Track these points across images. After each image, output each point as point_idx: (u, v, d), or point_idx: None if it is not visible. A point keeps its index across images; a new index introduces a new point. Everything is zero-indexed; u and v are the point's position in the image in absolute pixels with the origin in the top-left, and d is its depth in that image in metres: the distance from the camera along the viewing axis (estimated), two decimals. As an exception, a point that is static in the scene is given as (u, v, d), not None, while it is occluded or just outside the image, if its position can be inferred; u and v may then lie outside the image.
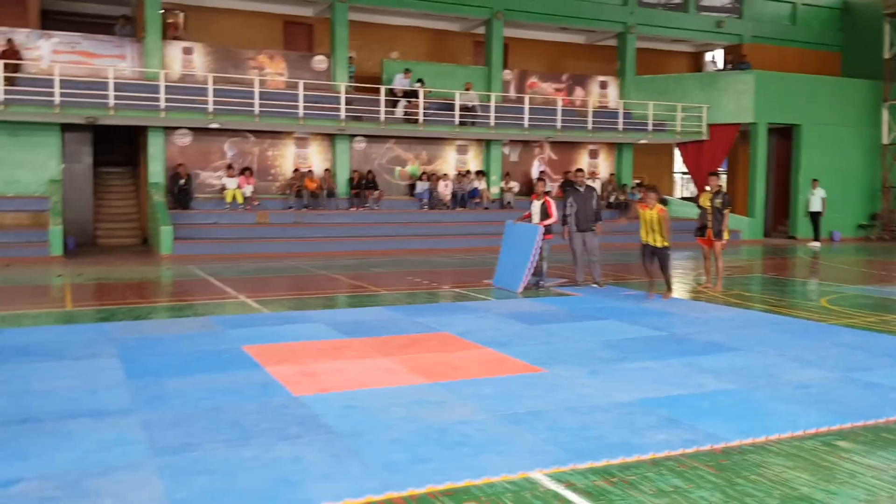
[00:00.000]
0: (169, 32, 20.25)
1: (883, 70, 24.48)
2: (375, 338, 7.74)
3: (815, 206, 21.79)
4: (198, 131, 19.85)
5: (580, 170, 13.18)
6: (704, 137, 23.95)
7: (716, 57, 27.07)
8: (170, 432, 4.69)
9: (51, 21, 20.25)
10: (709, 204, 11.48)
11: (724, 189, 11.17)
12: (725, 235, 11.54)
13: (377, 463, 4.19)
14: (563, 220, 12.39)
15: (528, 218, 12.28)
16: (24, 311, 9.38)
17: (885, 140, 24.64)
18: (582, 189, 12.46)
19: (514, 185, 23.04)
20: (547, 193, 12.46)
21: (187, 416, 5.03)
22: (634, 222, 12.23)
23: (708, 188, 11.72)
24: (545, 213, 12.00)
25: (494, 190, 22.87)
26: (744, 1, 26.06)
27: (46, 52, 18.38)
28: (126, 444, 4.46)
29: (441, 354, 6.99)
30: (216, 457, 4.27)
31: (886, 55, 24.29)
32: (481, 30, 23.76)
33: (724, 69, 25.09)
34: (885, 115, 24.55)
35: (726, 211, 11.41)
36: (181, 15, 21.49)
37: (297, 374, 6.16)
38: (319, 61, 21.41)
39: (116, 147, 21.77)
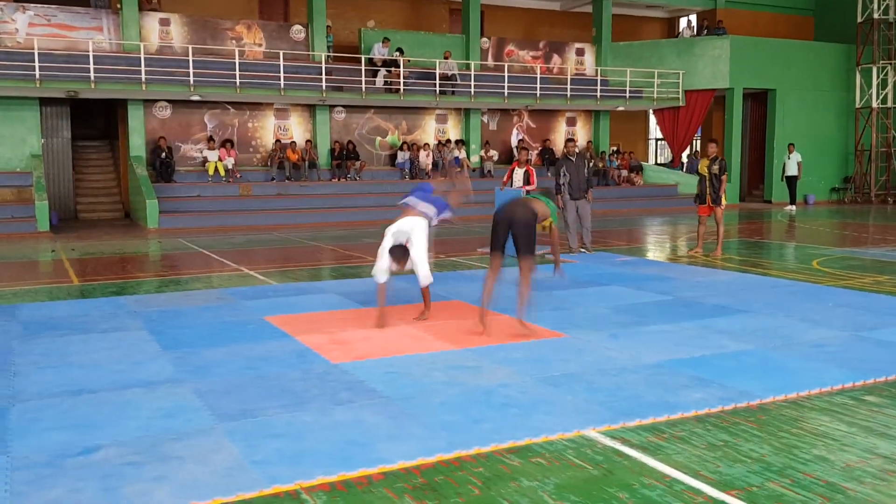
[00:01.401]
0: (143, 3, 19.88)
1: (856, 33, 24.89)
2: (391, 307, 7.85)
3: (792, 170, 22.26)
4: (177, 104, 19.63)
5: (571, 139, 13.48)
6: (681, 104, 24.26)
7: (691, 22, 27.29)
8: (225, 400, 4.82)
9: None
10: (707, 171, 11.75)
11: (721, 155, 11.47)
12: (724, 201, 11.83)
13: (436, 424, 4.37)
14: (558, 188, 12.68)
15: (508, 183, 12.56)
16: (34, 287, 9.36)
17: (858, 104, 25.16)
18: (574, 158, 12.77)
19: (494, 154, 23.18)
20: (528, 162, 12.79)
21: (236, 384, 5.16)
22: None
23: (707, 155, 11.96)
24: (527, 181, 12.31)
25: (475, 159, 22.97)
26: (718, -34, 26.27)
27: (22, 26, 18.00)
28: (188, 412, 4.59)
29: (461, 322, 7.17)
30: (278, 421, 4.42)
31: (859, 19, 24.69)
32: (456, -3, 23.71)
33: (699, 35, 25.32)
34: (858, 78, 25.04)
35: (723, 177, 11.70)
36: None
37: (329, 343, 6.31)
38: (297, 31, 21.22)
39: (92, 121, 21.44)
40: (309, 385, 5.14)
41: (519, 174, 12.67)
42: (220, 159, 19.60)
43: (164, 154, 18.94)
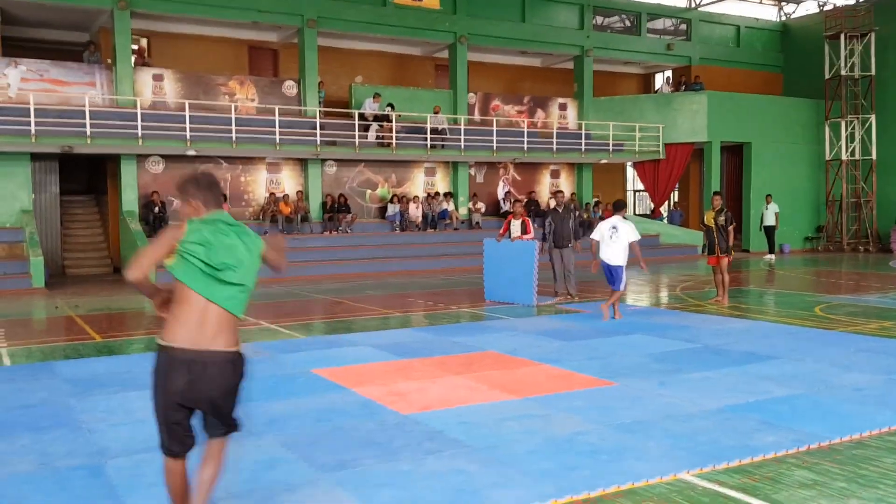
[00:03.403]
0: (135, 59, 20.06)
1: (824, 89, 25.98)
2: (430, 358, 8.00)
3: (770, 220, 22.94)
4: (170, 158, 19.69)
5: (560, 191, 14.50)
6: (661, 156, 24.97)
7: (669, 79, 28.24)
8: (315, 451, 4.89)
9: (11, 48, 19.80)
10: (713, 222, 12.14)
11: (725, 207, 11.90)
12: (731, 251, 12.19)
13: (534, 471, 4.49)
14: (543, 237, 13.33)
15: (505, 234, 13.00)
16: (59, 344, 9.29)
17: (828, 156, 26.13)
18: (560, 210, 13.42)
19: (482, 206, 23.54)
20: (523, 213, 13.34)
21: (318, 436, 5.23)
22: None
23: (713, 207, 12.37)
24: (524, 231, 12.85)
25: (463, 211, 23.31)
26: (691, 24, 27.34)
27: (14, 81, 18.01)
28: (285, 464, 4.65)
29: (507, 372, 7.31)
30: (379, 472, 4.50)
31: (827, 75, 25.81)
32: (442, 53, 24.30)
33: (677, 90, 26.21)
34: (828, 132, 26.05)
35: (731, 227, 12.10)
36: (144, 41, 21.35)
37: (388, 395, 6.39)
38: (289, 87, 21.54)
39: (77, 175, 21.36)
40: (390, 436, 5.22)
41: (516, 225, 13.12)
42: (212, 213, 19.59)
43: (157, 209, 18.92)
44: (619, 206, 11.03)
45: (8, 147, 17.04)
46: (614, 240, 10.56)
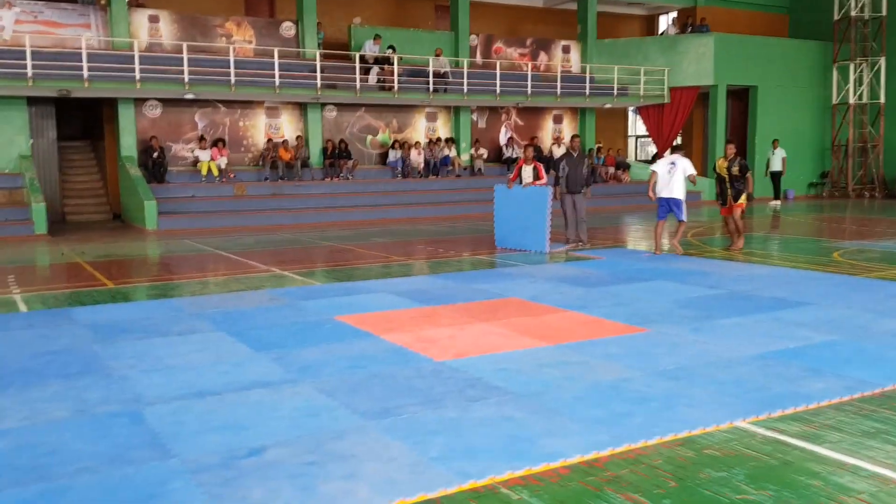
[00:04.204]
0: (130, 0, 19.44)
1: (832, 31, 25.52)
2: (453, 305, 7.87)
3: (776, 165, 22.74)
4: (168, 102, 19.26)
5: (576, 136, 14.07)
6: (666, 101, 24.60)
7: (673, 20, 27.68)
8: (356, 398, 4.76)
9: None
10: (725, 172, 11.93)
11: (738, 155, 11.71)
12: (742, 199, 11.97)
13: (586, 418, 4.39)
14: (556, 181, 13.11)
15: (516, 180, 12.77)
16: (72, 290, 9.11)
17: (835, 100, 25.82)
18: (575, 154, 13.18)
19: (484, 152, 23.22)
20: (534, 158, 13.03)
21: (355, 383, 5.10)
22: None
23: (725, 156, 12.14)
24: (536, 177, 12.57)
25: (465, 157, 23.00)
26: (697, -36, 26.70)
27: (8, 23, 17.46)
28: (328, 411, 4.53)
29: (534, 318, 7.19)
30: (427, 419, 4.38)
31: (836, 17, 25.33)
32: (443, -6, 23.71)
33: (683, 32, 25.70)
34: (835, 75, 25.69)
35: (748, 175, 11.88)
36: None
37: (418, 341, 6.26)
38: (287, 28, 20.98)
39: (73, 120, 20.91)
40: (429, 383, 5.10)
41: (528, 171, 12.84)
42: (212, 159, 19.28)
43: (156, 154, 18.56)
44: (677, 148, 12.57)
45: (5, 91, 16.59)
46: (673, 174, 11.54)
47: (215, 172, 19.16)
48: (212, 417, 4.43)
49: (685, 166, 11.54)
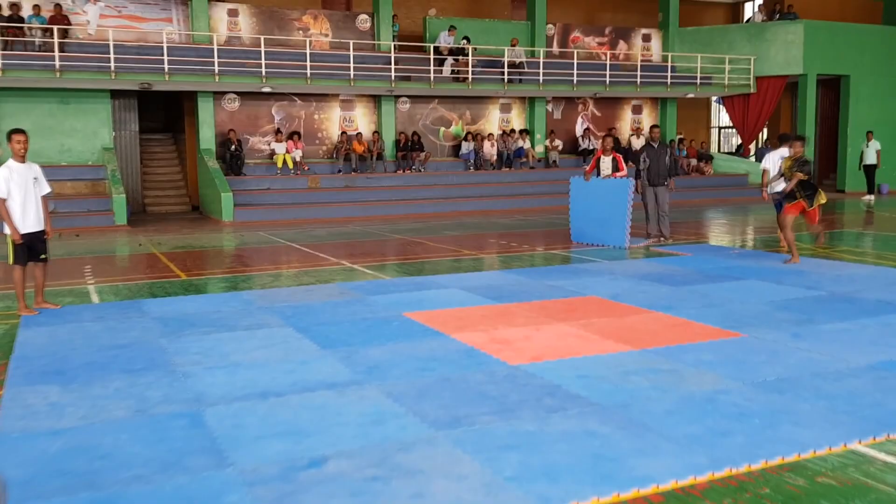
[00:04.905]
0: (210, -7, 19.64)
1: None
2: (528, 303, 7.49)
3: (871, 158, 21.44)
4: (245, 96, 19.40)
5: (656, 126, 13.60)
6: (752, 90, 23.53)
7: (756, 7, 26.50)
8: (425, 404, 4.44)
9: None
10: (789, 173, 10.91)
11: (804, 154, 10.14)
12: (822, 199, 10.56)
13: (679, 436, 3.95)
14: (637, 174, 12.58)
15: (593, 171, 12.25)
16: (146, 281, 9.11)
17: (934, 90, 24.25)
18: (656, 145, 12.67)
19: (559, 144, 22.67)
20: (613, 149, 12.45)
21: (424, 387, 4.78)
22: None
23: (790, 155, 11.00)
24: (616, 168, 12.04)
25: (539, 149, 22.49)
26: (787, -51, 25.44)
27: (94, 17, 17.84)
28: (395, 418, 4.22)
29: (616, 319, 6.74)
30: (500, 431, 4.02)
31: (936, 3, 23.78)
32: (519, -17, 23.21)
33: (770, 20, 24.53)
34: (934, 64, 24.14)
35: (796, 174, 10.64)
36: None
37: (491, 342, 5.91)
38: (363, 20, 20.88)
39: (155, 113, 21.31)
40: (503, 389, 4.75)
41: (606, 162, 12.30)
42: (287, 151, 19.33)
43: (233, 147, 18.70)
44: (785, 139, 11.12)
45: (89, 84, 16.95)
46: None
47: (290, 165, 19.21)
48: (273, 421, 4.18)
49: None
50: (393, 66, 19.36)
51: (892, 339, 5.91)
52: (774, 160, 10.93)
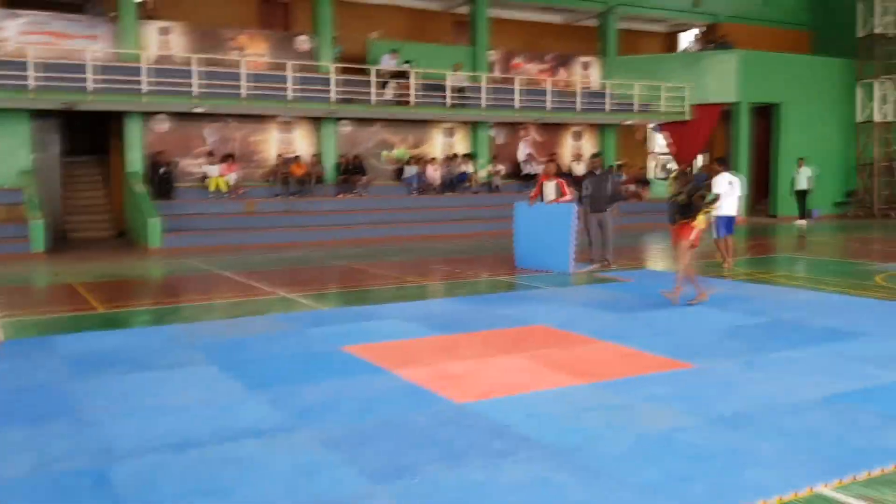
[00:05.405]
0: (140, 11, 18.96)
1: (857, 49, 24.76)
2: (474, 333, 7.17)
3: (802, 184, 21.89)
4: (177, 116, 18.73)
5: (597, 154, 13.65)
6: (688, 117, 23.88)
7: (692, 37, 27.04)
8: (363, 453, 4.05)
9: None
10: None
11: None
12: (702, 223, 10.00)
13: (637, 484, 3.65)
14: (579, 200, 12.54)
15: (537, 197, 12.11)
16: (57, 315, 8.47)
17: (860, 118, 25.02)
18: (598, 173, 12.65)
19: (502, 169, 22.56)
20: (556, 174, 12.44)
21: (362, 432, 4.39)
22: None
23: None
24: (559, 193, 11.94)
25: (483, 173, 22.33)
26: (719, -20, 26.07)
27: (14, 33, 17.00)
28: (330, 469, 3.82)
29: (565, 350, 6.47)
30: (448, 482, 3.67)
31: (860, 34, 24.57)
32: (460, 9, 23.14)
33: (703, 49, 25.02)
34: (860, 93, 24.91)
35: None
36: (150, -7, 20.25)
37: (436, 378, 5.55)
38: (303, 41, 20.46)
39: (80, 135, 20.42)
40: (449, 433, 4.39)
41: (550, 187, 12.15)
42: (221, 175, 18.70)
43: (163, 169, 17.99)
44: (724, 162, 12.43)
45: (6, 103, 16.09)
46: (730, 192, 11.61)
47: (224, 188, 18.58)
48: (190, 478, 3.73)
49: (741, 184, 12.12)
50: (333, 88, 18.97)
51: (843, 368, 5.77)
52: (724, 185, 11.48)
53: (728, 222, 11.88)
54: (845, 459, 3.94)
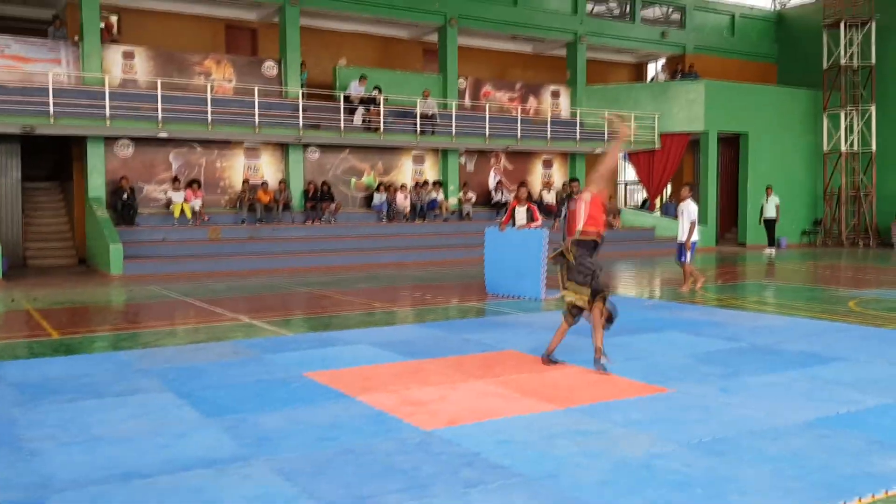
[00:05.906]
0: (104, 35, 18.66)
1: (823, 80, 25.18)
2: (443, 359, 6.92)
3: (770, 212, 22.03)
4: (140, 141, 18.36)
5: (575, 179, 13.48)
6: (656, 146, 24.03)
7: (659, 67, 27.36)
8: (322, 483, 3.77)
9: (-29, 22, 18.39)
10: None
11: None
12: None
13: (616, 513, 3.42)
14: (555, 221, 12.51)
15: (509, 222, 11.98)
16: (8, 342, 8.06)
17: (826, 148, 25.37)
18: (575, 196, 12.52)
19: (472, 196, 22.44)
20: (528, 199, 12.35)
21: (323, 461, 4.11)
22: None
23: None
24: (531, 218, 11.80)
25: (453, 201, 22.20)
26: (686, 12, 26.43)
27: (-28, 55, 16.59)
28: (284, 501, 3.55)
29: (536, 375, 6.24)
30: (412, 516, 3.40)
31: (825, 65, 25.02)
32: (430, 37, 23.17)
33: (672, 79, 25.29)
34: (826, 123, 25.29)
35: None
36: (114, 17, 19.97)
37: (402, 404, 5.29)
38: (269, 67, 20.27)
39: (41, 160, 19.96)
40: (416, 460, 4.12)
41: (521, 212, 12.01)
42: (185, 200, 18.32)
43: (125, 195, 17.58)
44: (692, 187, 13.35)
45: (-38, 127, 15.66)
46: (683, 219, 12.43)
47: (188, 215, 18.20)
48: (133, 512, 3.42)
49: (693, 211, 12.53)
50: (301, 114, 18.78)
51: (822, 392, 5.61)
52: (692, 211, 12.44)
53: (680, 248, 12.64)
54: (834, 486, 3.76)
